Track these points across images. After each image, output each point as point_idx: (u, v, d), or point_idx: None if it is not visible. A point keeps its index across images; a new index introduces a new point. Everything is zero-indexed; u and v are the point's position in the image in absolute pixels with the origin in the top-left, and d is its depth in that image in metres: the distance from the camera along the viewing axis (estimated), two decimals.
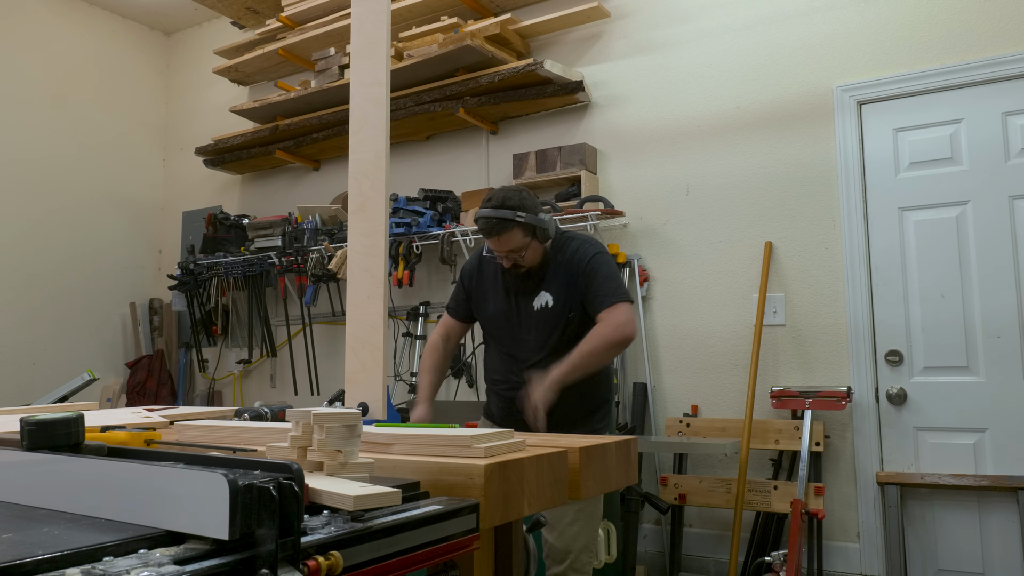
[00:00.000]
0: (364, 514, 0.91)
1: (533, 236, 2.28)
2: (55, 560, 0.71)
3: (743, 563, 3.33)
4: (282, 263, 4.52)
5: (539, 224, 2.27)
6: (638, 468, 2.56)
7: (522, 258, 2.30)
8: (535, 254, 2.32)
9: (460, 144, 4.38)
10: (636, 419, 3.64)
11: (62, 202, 5.06)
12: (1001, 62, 3.14)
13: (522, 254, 2.29)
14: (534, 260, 2.33)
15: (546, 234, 2.30)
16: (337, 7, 4.45)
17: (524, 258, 2.31)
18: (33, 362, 4.86)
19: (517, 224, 2.24)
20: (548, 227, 2.30)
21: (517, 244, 2.27)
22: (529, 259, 2.32)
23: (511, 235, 2.25)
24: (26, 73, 4.95)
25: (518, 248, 2.28)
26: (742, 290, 3.57)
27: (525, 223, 2.25)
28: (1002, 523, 3.04)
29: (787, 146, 3.54)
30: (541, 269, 2.36)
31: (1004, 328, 3.10)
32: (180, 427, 1.56)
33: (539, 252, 2.33)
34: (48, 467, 1.02)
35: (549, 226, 2.30)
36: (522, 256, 2.30)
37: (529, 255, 2.31)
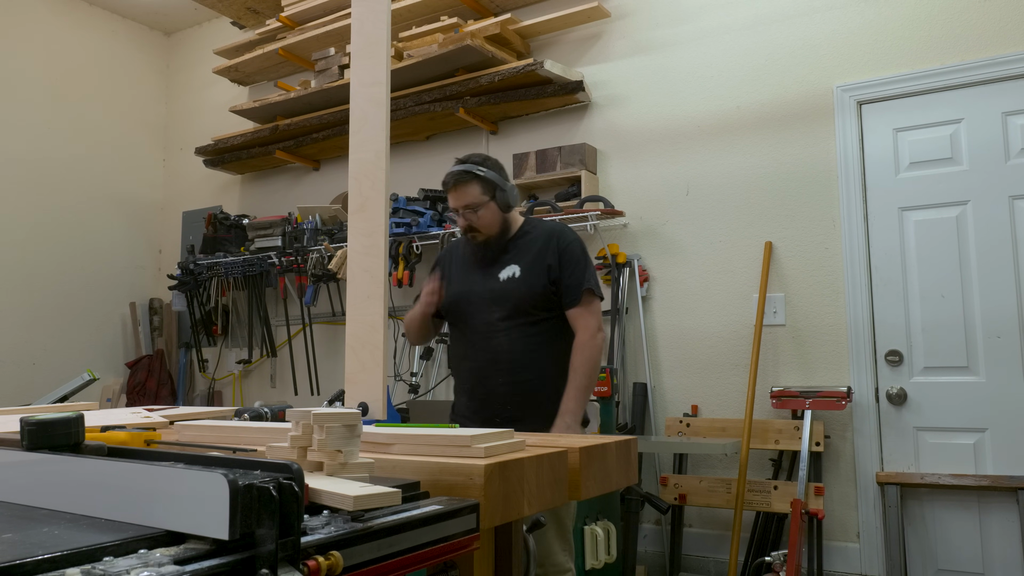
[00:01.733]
0: (364, 514, 0.91)
1: (492, 197, 2.30)
2: (55, 560, 0.71)
3: (743, 563, 3.33)
4: (282, 263, 4.52)
5: (499, 184, 2.30)
6: (638, 468, 2.56)
7: (478, 218, 2.29)
8: (492, 217, 2.31)
9: (460, 144, 4.37)
10: (636, 419, 3.64)
11: (62, 202, 5.06)
12: (1001, 62, 3.14)
13: (479, 212, 2.29)
14: (491, 225, 2.31)
15: (505, 199, 2.31)
16: (337, 7, 4.45)
17: (480, 219, 2.29)
18: (33, 362, 4.86)
19: (477, 178, 2.28)
20: (508, 192, 2.32)
21: (474, 199, 2.28)
22: (485, 221, 2.30)
23: (469, 188, 2.28)
24: (26, 73, 4.95)
25: (475, 204, 2.28)
26: (742, 290, 3.57)
27: (485, 178, 2.28)
28: (1002, 523, 3.04)
29: (787, 146, 3.54)
30: (503, 239, 2.34)
31: (1004, 328, 3.10)
32: (180, 427, 1.56)
33: (497, 218, 2.32)
34: (48, 467, 1.02)
35: (510, 192, 2.33)
36: (478, 216, 2.29)
37: (486, 216, 2.30)
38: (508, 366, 2.26)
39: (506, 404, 2.24)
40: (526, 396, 2.25)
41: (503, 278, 2.30)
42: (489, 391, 2.28)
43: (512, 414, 2.21)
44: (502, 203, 2.31)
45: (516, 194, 2.37)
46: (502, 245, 2.35)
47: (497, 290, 2.30)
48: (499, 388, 2.27)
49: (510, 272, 2.30)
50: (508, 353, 2.25)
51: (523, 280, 2.28)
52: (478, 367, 2.31)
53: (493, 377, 2.26)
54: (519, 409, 2.23)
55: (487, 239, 2.34)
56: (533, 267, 2.29)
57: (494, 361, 2.25)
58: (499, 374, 2.26)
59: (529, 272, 2.29)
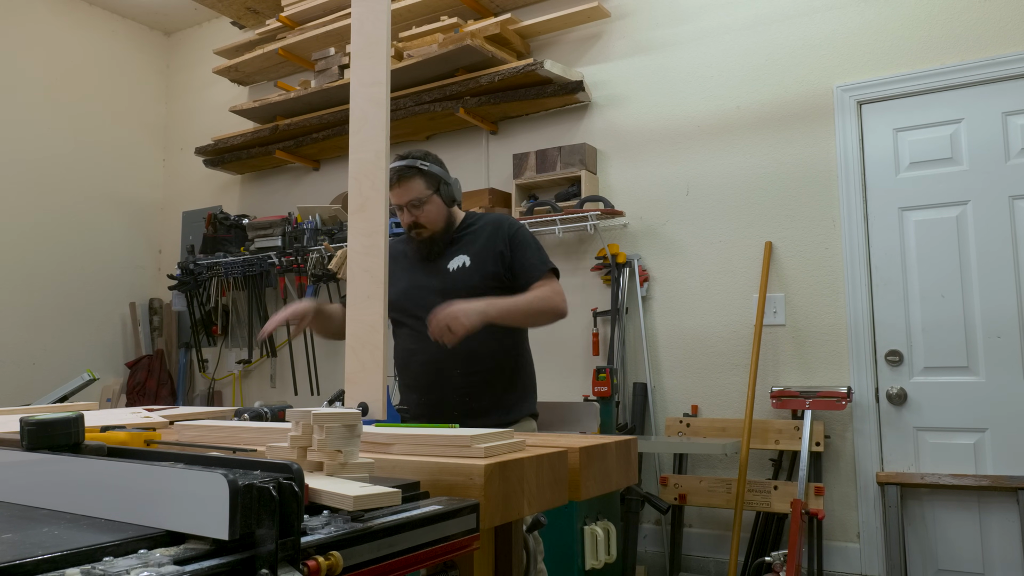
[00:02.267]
0: (364, 514, 0.91)
1: (436, 191, 2.26)
2: (55, 560, 0.71)
3: (743, 563, 3.33)
4: (282, 263, 4.52)
5: (443, 177, 2.27)
6: (638, 468, 2.56)
7: (423, 213, 2.25)
8: (437, 211, 2.27)
9: (460, 144, 4.38)
10: (636, 419, 3.64)
11: (62, 202, 5.06)
12: (1001, 62, 3.14)
13: (423, 208, 2.24)
14: (436, 221, 2.27)
15: (449, 192, 2.28)
16: (337, 7, 4.45)
17: (425, 214, 2.25)
18: (33, 362, 4.86)
19: (420, 172, 2.23)
20: (452, 186, 2.30)
21: (418, 194, 2.23)
22: (430, 216, 2.26)
23: (412, 183, 2.23)
24: (26, 73, 4.95)
25: (419, 198, 2.23)
26: (742, 290, 3.57)
27: (428, 172, 2.24)
28: (1002, 523, 3.04)
29: (787, 146, 3.54)
30: (448, 234, 2.30)
31: (1004, 328, 3.10)
32: (180, 427, 1.56)
33: (442, 213, 2.28)
34: (48, 467, 1.02)
35: (454, 186, 2.30)
36: (422, 211, 2.24)
37: (431, 210, 2.25)
38: (464, 356, 2.18)
39: (464, 395, 2.20)
40: (484, 386, 2.22)
41: (452, 268, 2.27)
42: (445, 383, 2.23)
43: (471, 405, 2.18)
44: (446, 197, 2.28)
45: (459, 188, 2.35)
46: (447, 239, 2.31)
47: (448, 281, 2.25)
48: (456, 380, 2.21)
49: (459, 262, 2.26)
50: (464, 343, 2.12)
51: (474, 269, 2.24)
52: (431, 360, 2.23)
53: (449, 369, 2.21)
54: (477, 400, 2.20)
55: (432, 235, 2.28)
56: (483, 255, 2.25)
57: (451, 353, 2.15)
58: (455, 365, 2.20)
59: (480, 260, 2.25)
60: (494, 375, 2.25)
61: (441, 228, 2.29)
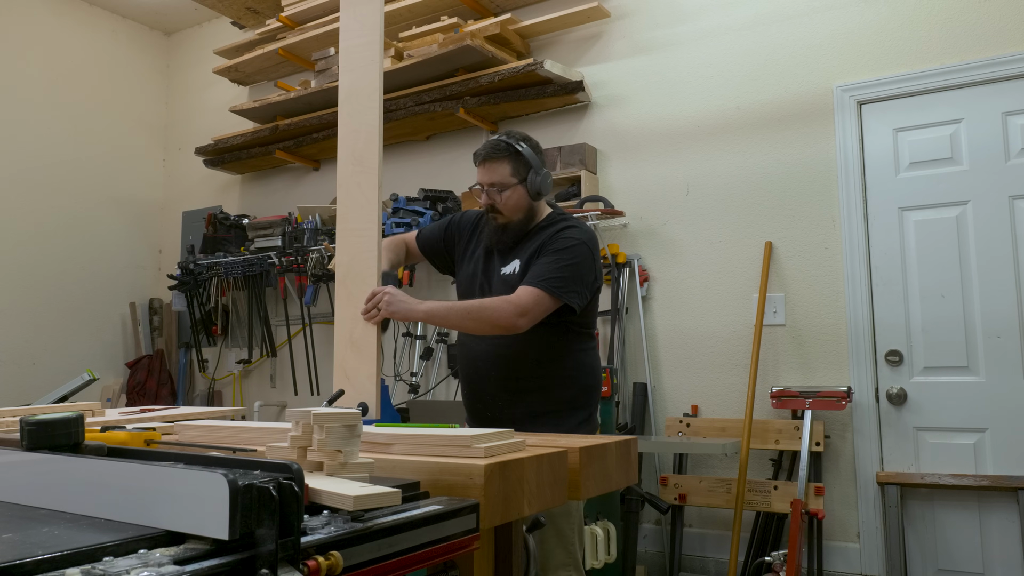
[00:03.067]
0: (364, 514, 0.91)
1: (522, 180, 2.13)
2: (55, 560, 0.71)
3: (743, 563, 3.33)
4: (282, 263, 4.52)
5: (534, 166, 2.13)
6: (638, 468, 2.56)
7: (503, 200, 2.12)
8: (518, 200, 2.13)
9: (460, 144, 4.38)
10: (636, 419, 3.64)
11: (62, 202, 5.06)
12: (1001, 62, 3.14)
13: (504, 194, 2.12)
14: (515, 211, 2.14)
15: (536, 185, 2.13)
16: (337, 7, 4.42)
17: (505, 201, 2.12)
18: (33, 362, 4.86)
19: (511, 155, 2.11)
20: (542, 179, 2.14)
21: (502, 178, 2.12)
22: (509, 204, 2.13)
23: (500, 165, 2.12)
24: (26, 73, 4.95)
25: (502, 183, 2.11)
26: (742, 290, 3.57)
27: (520, 156, 2.12)
28: (1002, 523, 3.04)
29: (787, 146, 3.54)
30: (524, 229, 2.17)
31: (1004, 328, 3.10)
32: (180, 427, 1.56)
33: (522, 203, 2.14)
34: (48, 467, 1.02)
35: (543, 179, 2.15)
36: (502, 196, 2.12)
37: (511, 198, 2.12)
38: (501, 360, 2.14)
39: (497, 400, 2.15)
40: (518, 394, 2.14)
41: (506, 272, 2.17)
42: (483, 383, 2.18)
43: (504, 412, 2.13)
44: (532, 189, 2.13)
45: (550, 182, 2.18)
46: (521, 233, 2.17)
47: (497, 284, 2.17)
48: (491, 383, 2.17)
49: (513, 267, 2.16)
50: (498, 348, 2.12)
51: (521, 275, 2.13)
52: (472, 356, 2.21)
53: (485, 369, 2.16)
54: (510, 406, 2.14)
55: (507, 223, 2.16)
56: (529, 263, 2.13)
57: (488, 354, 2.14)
58: (490, 368, 2.16)
59: (526, 268, 2.13)
60: (530, 385, 2.14)
61: (519, 220, 2.16)
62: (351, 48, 2.18)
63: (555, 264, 2.06)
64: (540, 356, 2.13)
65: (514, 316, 2.00)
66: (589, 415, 2.22)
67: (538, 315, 2.03)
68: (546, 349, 2.13)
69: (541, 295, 2.02)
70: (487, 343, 2.13)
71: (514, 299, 2.02)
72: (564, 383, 2.16)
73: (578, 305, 2.08)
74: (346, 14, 2.18)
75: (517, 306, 2.01)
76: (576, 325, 2.17)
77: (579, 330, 2.19)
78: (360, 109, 2.13)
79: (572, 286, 2.06)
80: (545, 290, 2.02)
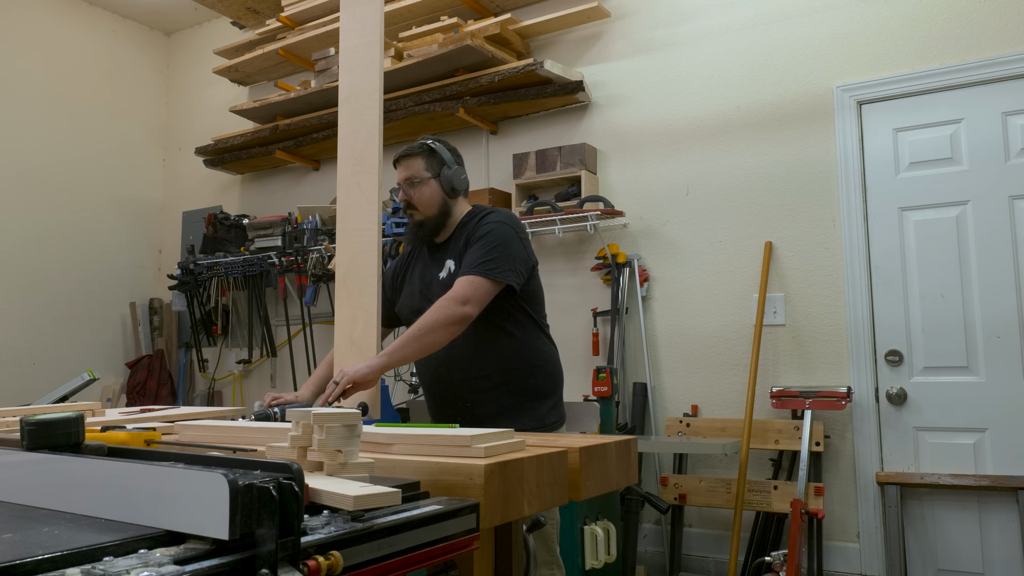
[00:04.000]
0: (364, 514, 0.91)
1: (435, 175, 2.22)
2: (55, 560, 0.71)
3: (743, 563, 3.33)
4: (282, 263, 4.52)
5: (447, 161, 2.23)
6: (638, 468, 2.56)
7: (416, 194, 2.21)
8: (431, 194, 2.21)
9: (460, 144, 4.36)
10: (636, 419, 3.64)
11: (62, 202, 5.06)
12: (1001, 62, 3.14)
13: (418, 187, 2.21)
14: (429, 204, 2.21)
15: (450, 180, 2.22)
16: (337, 7, 4.43)
17: (419, 195, 2.21)
18: (33, 362, 4.86)
19: (424, 153, 2.22)
20: (454, 173, 2.23)
21: (416, 172, 2.21)
22: (424, 197, 2.21)
23: (414, 161, 2.22)
24: (26, 73, 4.95)
25: (416, 177, 2.21)
26: (742, 290, 3.57)
27: (433, 153, 2.22)
28: (1002, 523, 3.04)
29: (787, 146, 3.54)
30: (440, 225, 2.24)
31: (1004, 328, 3.10)
32: (180, 427, 1.56)
33: (436, 198, 2.21)
34: (48, 467, 1.02)
35: (456, 176, 2.23)
36: (416, 190, 2.21)
37: (424, 193, 2.20)
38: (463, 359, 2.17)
39: (466, 401, 2.18)
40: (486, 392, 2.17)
41: (443, 277, 2.22)
42: (448, 387, 2.22)
43: (473, 412, 2.16)
44: (445, 184, 2.22)
45: (464, 181, 2.27)
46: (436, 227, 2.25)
47: (438, 289, 2.19)
48: (457, 385, 2.20)
49: (447, 269, 2.22)
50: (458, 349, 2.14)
51: (456, 272, 2.15)
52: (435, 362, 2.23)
53: (448, 373, 2.20)
54: (479, 406, 2.16)
55: (423, 220, 2.24)
56: (461, 259, 2.17)
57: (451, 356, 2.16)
58: (455, 370, 2.19)
59: (459, 266, 2.17)
60: (495, 381, 2.18)
61: (433, 215, 2.23)
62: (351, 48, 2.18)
63: (483, 249, 2.10)
64: (501, 351, 2.17)
65: (458, 306, 2.02)
66: (556, 402, 2.26)
67: (481, 299, 2.05)
68: (507, 343, 2.17)
69: (477, 279, 2.06)
70: (448, 347, 2.12)
71: (451, 293, 2.05)
72: (528, 374, 2.20)
73: (516, 283, 2.12)
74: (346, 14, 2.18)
75: (456, 297, 2.03)
76: (531, 316, 2.22)
77: (535, 320, 2.24)
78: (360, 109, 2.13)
79: (504, 265, 2.09)
80: (479, 274, 2.06)
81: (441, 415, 2.25)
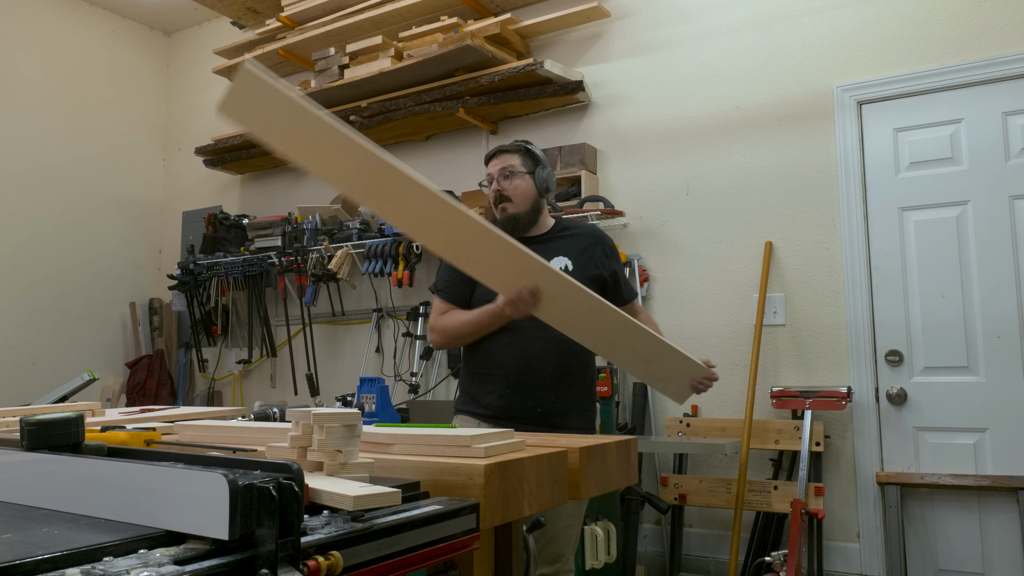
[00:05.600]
0: (364, 514, 0.91)
1: (531, 172, 2.31)
2: (55, 560, 0.71)
3: (743, 563, 3.33)
4: (282, 263, 4.52)
5: (542, 162, 2.34)
6: (638, 468, 2.56)
7: (511, 185, 2.28)
8: (526, 190, 2.29)
9: (460, 144, 4.38)
10: (636, 419, 3.64)
11: (62, 202, 5.07)
12: (1001, 62, 3.14)
13: (513, 182, 2.28)
14: (523, 198, 2.28)
15: (543, 179, 2.31)
16: (337, 7, 4.45)
17: (514, 187, 2.28)
18: (33, 362, 4.86)
19: (520, 151, 2.33)
20: (548, 174, 2.33)
21: (512, 165, 2.30)
22: (518, 191, 2.28)
23: (510, 156, 2.32)
24: (26, 73, 4.95)
25: (512, 170, 2.29)
26: (742, 290, 3.57)
27: (529, 152, 2.33)
28: (1002, 523, 3.04)
29: (787, 146, 3.54)
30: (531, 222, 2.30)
31: (1004, 328, 3.10)
32: (180, 427, 1.56)
33: (530, 193, 2.29)
34: (48, 467, 1.02)
35: (549, 176, 2.34)
36: (511, 183, 2.28)
37: (520, 186, 2.28)
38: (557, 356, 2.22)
39: (550, 393, 2.22)
40: (568, 388, 2.26)
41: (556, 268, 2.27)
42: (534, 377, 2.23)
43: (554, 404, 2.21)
44: (539, 182, 2.31)
45: (555, 183, 2.38)
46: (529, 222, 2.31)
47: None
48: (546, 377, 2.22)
49: (560, 264, 2.27)
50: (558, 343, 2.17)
51: (577, 272, 2.24)
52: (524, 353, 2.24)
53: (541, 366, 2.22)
54: (560, 399, 2.23)
55: (515, 214, 2.28)
56: (585, 260, 2.29)
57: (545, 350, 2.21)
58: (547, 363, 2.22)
59: (582, 265, 2.27)
60: (577, 381, 2.29)
61: (526, 210, 2.29)
62: None
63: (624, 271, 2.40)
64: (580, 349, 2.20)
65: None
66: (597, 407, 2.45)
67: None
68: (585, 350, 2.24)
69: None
70: (544, 338, 2.19)
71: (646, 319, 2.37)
72: (589, 375, 2.36)
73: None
74: None
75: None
76: None
77: None
78: None
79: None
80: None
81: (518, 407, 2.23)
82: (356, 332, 4.62)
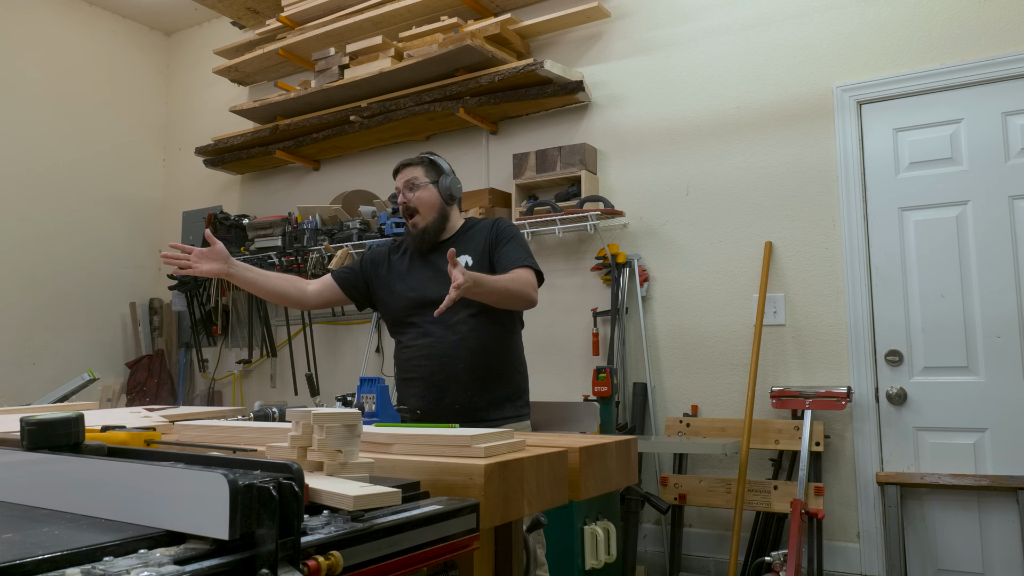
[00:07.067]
0: (364, 514, 0.91)
1: (434, 181, 2.42)
2: (55, 560, 0.71)
3: (743, 563, 3.33)
4: (282, 263, 4.51)
5: (445, 171, 2.45)
6: (638, 468, 2.56)
7: (415, 196, 2.40)
8: (431, 200, 2.41)
9: (460, 144, 4.38)
10: (636, 419, 3.64)
11: (62, 202, 5.06)
12: (1001, 62, 3.14)
13: (416, 193, 2.40)
14: (428, 209, 2.40)
15: (448, 188, 2.42)
16: (337, 7, 4.45)
17: (418, 198, 2.40)
18: (33, 362, 4.86)
19: (423, 163, 2.44)
20: (452, 184, 2.44)
21: (416, 177, 2.41)
22: (423, 201, 2.40)
23: (414, 169, 2.44)
24: (26, 73, 4.95)
25: (415, 182, 2.40)
26: (742, 290, 3.57)
27: (431, 163, 2.45)
28: (1002, 523, 3.04)
29: (787, 146, 3.54)
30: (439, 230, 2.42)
31: (1004, 328, 3.10)
32: (180, 427, 1.56)
33: (435, 203, 2.41)
34: (48, 467, 1.02)
35: (453, 185, 2.44)
36: (415, 194, 2.40)
37: (424, 196, 2.40)
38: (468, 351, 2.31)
39: (467, 390, 2.30)
40: (485, 382, 2.32)
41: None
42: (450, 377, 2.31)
43: (473, 400, 2.29)
44: (443, 190, 2.42)
45: (459, 190, 2.48)
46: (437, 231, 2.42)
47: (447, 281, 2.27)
48: (461, 375, 2.30)
49: (464, 261, 2.36)
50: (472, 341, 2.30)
51: (476, 266, 2.34)
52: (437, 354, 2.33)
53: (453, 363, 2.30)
54: (479, 395, 2.30)
55: (425, 226, 2.41)
56: (482, 252, 2.38)
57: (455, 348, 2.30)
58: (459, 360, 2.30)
59: (481, 259, 2.37)
60: (496, 375, 2.35)
61: (433, 219, 2.42)
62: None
63: (522, 249, 2.37)
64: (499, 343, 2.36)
65: (533, 291, 2.29)
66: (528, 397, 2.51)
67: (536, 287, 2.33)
68: (502, 337, 2.37)
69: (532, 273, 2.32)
70: (457, 336, 2.31)
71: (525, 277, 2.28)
72: (514, 369, 2.43)
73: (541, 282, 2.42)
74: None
75: (531, 284, 2.29)
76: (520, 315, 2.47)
77: (521, 319, 2.49)
78: None
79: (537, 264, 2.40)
80: (533, 268, 2.33)
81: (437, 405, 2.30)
82: (356, 332, 4.62)
